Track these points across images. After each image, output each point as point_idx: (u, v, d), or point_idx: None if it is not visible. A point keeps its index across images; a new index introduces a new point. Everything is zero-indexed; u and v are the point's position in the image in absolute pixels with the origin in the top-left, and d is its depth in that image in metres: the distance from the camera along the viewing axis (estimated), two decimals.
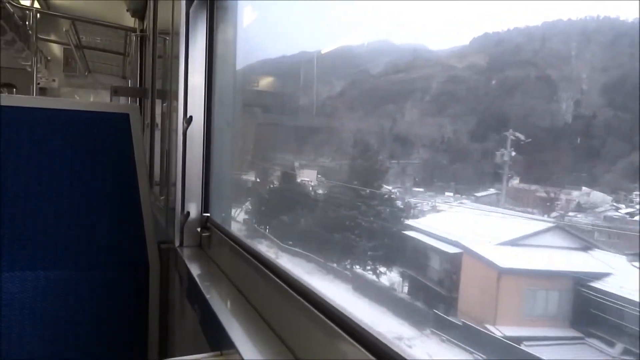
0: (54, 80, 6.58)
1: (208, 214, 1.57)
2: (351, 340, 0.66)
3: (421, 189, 0.97)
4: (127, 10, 3.66)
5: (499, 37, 0.68)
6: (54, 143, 1.59)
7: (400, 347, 0.60)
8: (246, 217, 2.13)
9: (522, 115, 0.68)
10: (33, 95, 4.83)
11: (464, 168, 0.83)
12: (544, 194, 0.67)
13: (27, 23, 4.69)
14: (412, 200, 0.97)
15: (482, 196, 0.80)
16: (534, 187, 0.71)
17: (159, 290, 1.68)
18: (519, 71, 0.68)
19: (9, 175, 1.53)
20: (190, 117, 1.55)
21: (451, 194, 0.85)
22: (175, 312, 1.63)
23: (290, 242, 1.73)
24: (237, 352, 0.82)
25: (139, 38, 3.73)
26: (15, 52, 5.26)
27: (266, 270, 0.99)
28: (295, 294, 0.85)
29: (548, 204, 0.68)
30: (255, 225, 2.08)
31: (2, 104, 1.56)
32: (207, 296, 1.11)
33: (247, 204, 2.16)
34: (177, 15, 1.65)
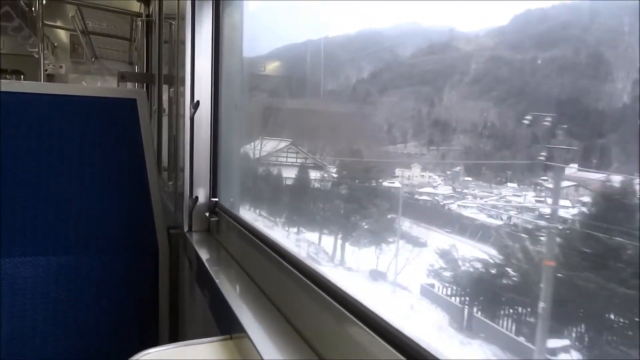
0: (61, 67, 6.58)
1: (216, 199, 1.58)
2: (361, 324, 0.66)
3: (469, 178, 0.92)
4: None
5: (543, 13, 0.64)
6: (62, 129, 1.59)
7: (408, 330, 0.60)
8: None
9: (575, 96, 0.63)
10: (41, 81, 4.84)
11: (511, 155, 0.77)
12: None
13: (33, 9, 4.68)
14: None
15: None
16: (595, 175, 0.66)
17: (169, 275, 1.69)
18: (568, 49, 0.62)
19: (18, 161, 1.54)
20: (198, 102, 1.54)
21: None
22: (185, 297, 1.65)
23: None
24: (247, 335, 0.82)
25: (144, 23, 3.71)
26: (22, 39, 5.27)
27: (275, 255, 0.99)
28: (304, 278, 0.85)
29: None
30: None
31: (9, 90, 1.56)
32: (217, 281, 1.11)
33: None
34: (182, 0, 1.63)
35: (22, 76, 5.95)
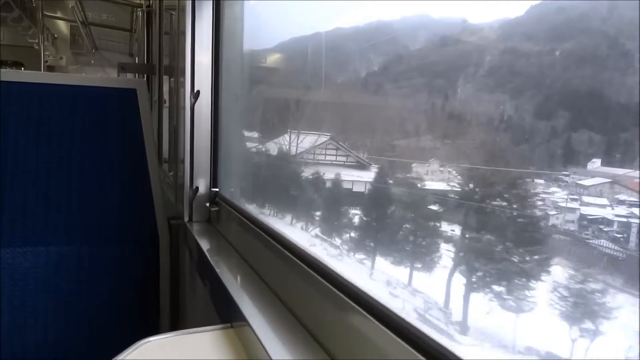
0: (61, 58, 6.57)
1: (217, 189, 1.57)
2: (364, 312, 0.66)
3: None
4: None
5: (560, 4, 0.62)
6: (62, 119, 1.59)
7: (415, 322, 0.60)
8: None
9: (596, 88, 0.61)
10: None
11: (530, 150, 0.73)
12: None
13: (32, 0, 4.67)
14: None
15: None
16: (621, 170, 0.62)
17: (170, 264, 1.69)
18: (587, 41, 0.61)
19: (19, 151, 1.54)
20: (198, 91, 1.53)
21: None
22: (186, 286, 1.65)
23: None
24: (248, 324, 0.82)
25: (145, 14, 3.69)
26: (22, 30, 5.25)
27: (276, 244, 0.99)
28: (305, 267, 0.84)
29: None
30: None
31: (9, 79, 1.55)
32: (217, 270, 1.11)
33: None
34: None
35: (22, 67, 5.94)
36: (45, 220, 1.55)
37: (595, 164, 0.65)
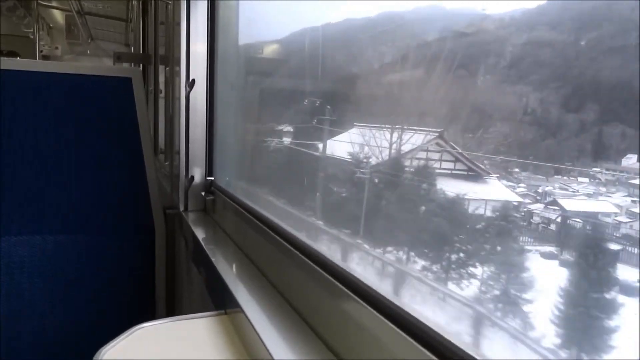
0: (57, 48, 6.52)
1: (212, 178, 1.58)
2: (358, 299, 0.66)
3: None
4: None
5: None
6: (58, 107, 1.59)
7: (406, 306, 0.60)
8: None
9: (625, 79, 0.56)
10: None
11: (557, 144, 0.66)
12: None
13: None
14: None
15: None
16: None
17: (165, 253, 1.70)
18: (615, 30, 0.57)
19: (13, 139, 1.54)
20: (193, 80, 1.53)
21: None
22: (181, 275, 1.66)
23: None
24: (242, 310, 0.83)
25: (140, 3, 3.67)
26: (17, 19, 5.21)
27: (270, 232, 1.00)
28: (299, 254, 0.85)
29: None
30: None
31: (5, 68, 1.55)
32: (212, 259, 1.12)
33: None
34: None
35: (17, 57, 5.90)
36: (41, 209, 1.55)
37: (631, 159, 0.59)
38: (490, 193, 0.77)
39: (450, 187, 0.84)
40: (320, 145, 1.18)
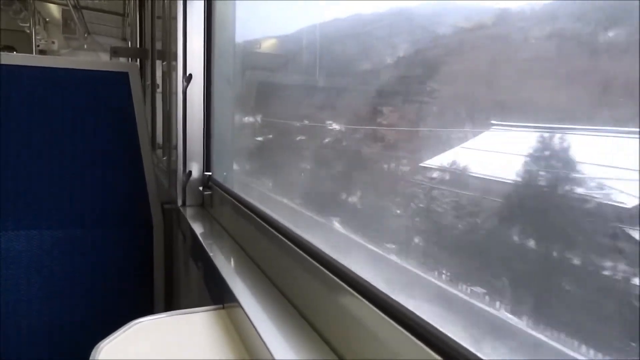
0: (53, 42, 6.50)
1: (209, 173, 1.58)
2: (353, 292, 0.67)
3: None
4: None
5: None
6: (55, 102, 1.58)
7: (404, 302, 0.60)
8: None
9: None
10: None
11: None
12: None
13: None
14: None
15: None
16: None
17: (163, 248, 1.70)
18: None
19: (10, 134, 1.53)
20: (190, 75, 1.53)
21: None
22: (179, 270, 1.66)
23: None
24: (239, 304, 0.83)
25: None
26: (13, 13, 5.19)
27: (268, 227, 1.00)
28: (297, 249, 0.85)
29: None
30: None
31: (2, 62, 1.54)
32: (210, 254, 1.12)
33: None
34: None
35: (13, 52, 5.88)
36: (38, 204, 1.55)
37: None
38: None
39: None
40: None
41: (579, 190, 0.49)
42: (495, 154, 0.63)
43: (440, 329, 0.52)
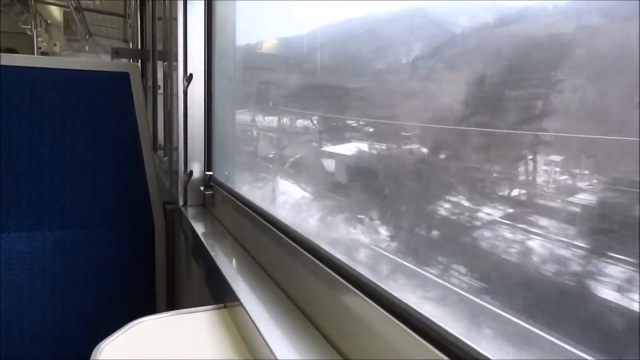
0: (55, 44, 6.51)
1: (211, 173, 1.58)
2: (357, 292, 0.66)
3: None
4: None
5: None
6: (55, 103, 1.58)
7: (409, 302, 0.60)
8: None
9: None
10: None
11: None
12: None
13: None
14: None
15: None
16: None
17: (165, 248, 1.70)
18: None
19: (11, 135, 1.53)
20: (191, 74, 1.53)
21: None
22: (181, 269, 1.66)
23: None
24: (240, 303, 0.83)
25: None
26: (14, 15, 5.19)
27: (270, 226, 1.00)
28: (299, 248, 0.85)
29: None
30: None
31: (3, 63, 1.54)
32: (212, 253, 1.12)
33: None
34: None
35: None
36: (40, 205, 1.55)
37: None
38: None
39: None
40: None
41: None
42: None
43: (446, 328, 0.52)
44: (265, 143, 1.47)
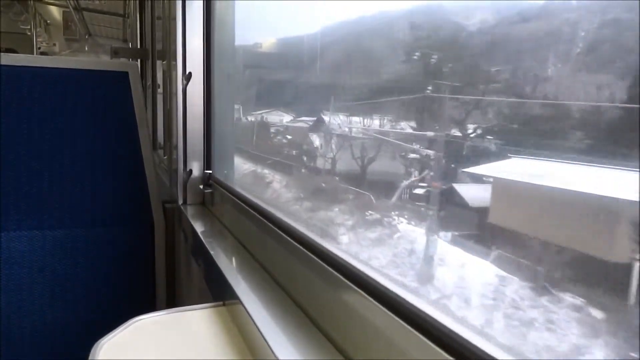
0: (54, 45, 6.51)
1: (210, 171, 1.58)
2: (357, 289, 0.66)
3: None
4: None
5: None
6: (55, 102, 1.58)
7: (410, 298, 0.59)
8: None
9: None
10: None
11: None
12: None
13: None
14: None
15: None
16: None
17: (165, 247, 1.70)
18: None
19: (11, 134, 1.53)
20: (190, 73, 1.53)
21: None
22: (181, 268, 1.66)
23: None
24: (240, 302, 0.83)
25: None
26: (14, 15, 5.19)
27: (269, 224, 1.00)
28: (298, 245, 0.85)
29: None
30: None
31: (2, 63, 1.54)
32: (211, 252, 1.12)
33: None
34: None
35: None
36: (40, 204, 1.55)
37: None
38: None
39: None
40: None
41: None
42: None
43: (451, 328, 0.51)
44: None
